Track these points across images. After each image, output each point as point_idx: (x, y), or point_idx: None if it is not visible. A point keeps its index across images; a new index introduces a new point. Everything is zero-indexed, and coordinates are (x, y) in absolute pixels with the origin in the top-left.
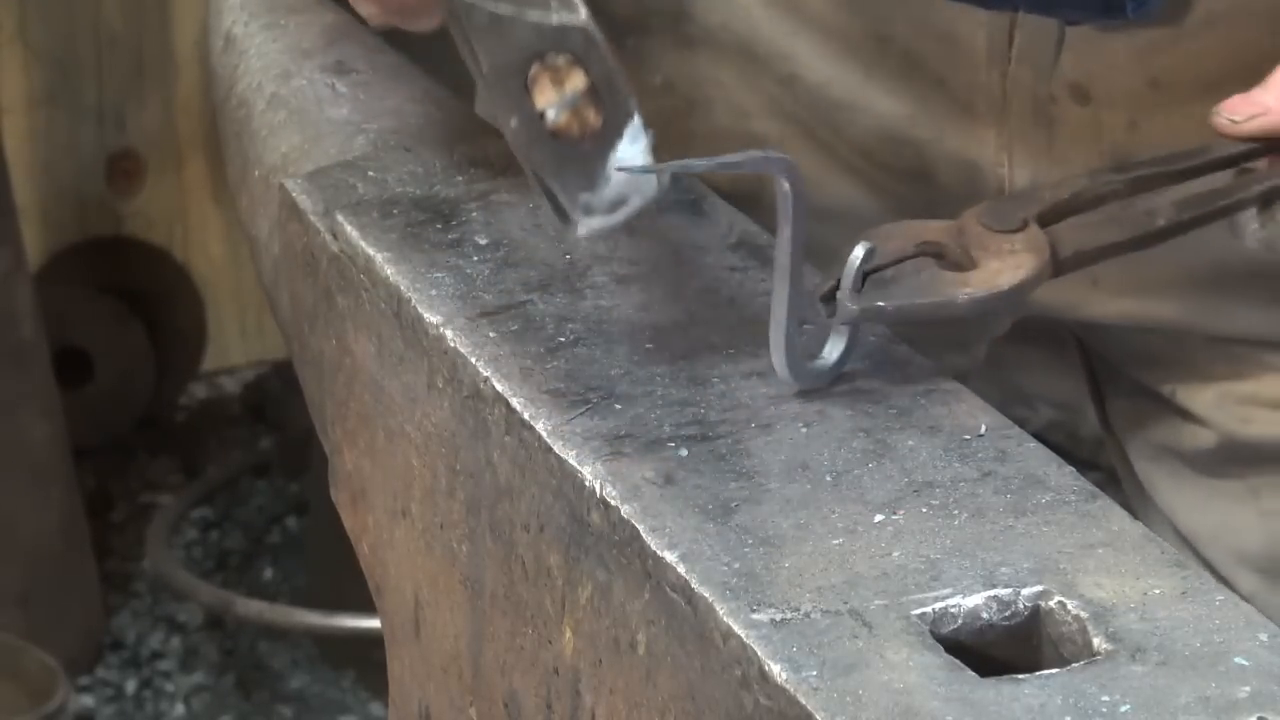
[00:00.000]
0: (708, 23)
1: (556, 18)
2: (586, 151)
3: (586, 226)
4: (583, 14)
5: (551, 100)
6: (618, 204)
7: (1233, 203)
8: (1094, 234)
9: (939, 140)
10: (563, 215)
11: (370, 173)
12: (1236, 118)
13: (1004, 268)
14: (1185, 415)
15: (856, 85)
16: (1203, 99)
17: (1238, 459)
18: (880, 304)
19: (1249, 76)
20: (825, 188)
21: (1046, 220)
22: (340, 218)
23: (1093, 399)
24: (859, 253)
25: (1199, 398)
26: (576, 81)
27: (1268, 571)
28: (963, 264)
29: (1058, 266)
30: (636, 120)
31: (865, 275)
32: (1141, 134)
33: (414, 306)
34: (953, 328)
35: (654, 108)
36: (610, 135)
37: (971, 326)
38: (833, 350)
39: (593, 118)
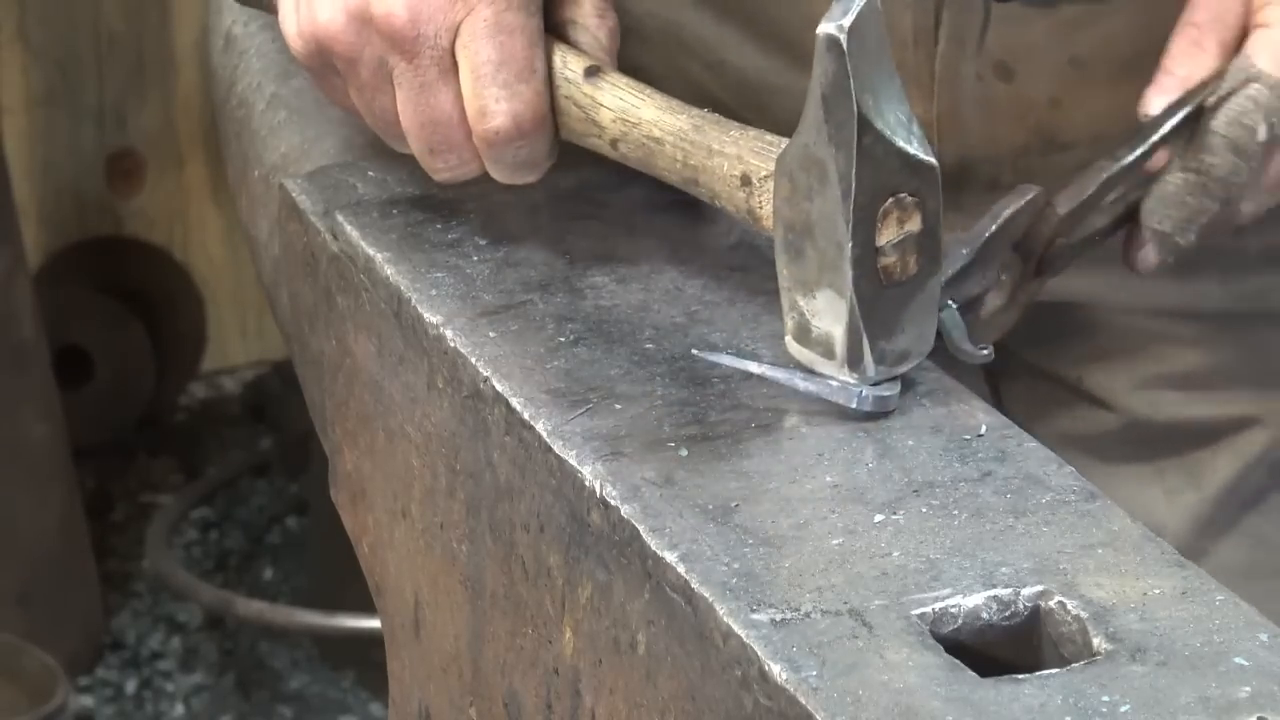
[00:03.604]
0: (635, 11)
1: (916, 152)
2: (893, 296)
3: (870, 379)
4: (929, 149)
5: (892, 237)
6: (902, 357)
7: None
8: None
9: None
10: (854, 360)
11: (370, 173)
12: (1157, 108)
13: (998, 324)
14: (1091, 400)
15: (783, 68)
16: (1123, 77)
17: (1142, 440)
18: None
19: None
20: None
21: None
22: (340, 218)
23: (986, 383)
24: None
25: (1107, 383)
26: (914, 223)
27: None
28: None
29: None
30: (940, 275)
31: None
32: (1064, 112)
33: (414, 306)
34: None
35: None
36: (919, 284)
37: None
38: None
39: (913, 264)
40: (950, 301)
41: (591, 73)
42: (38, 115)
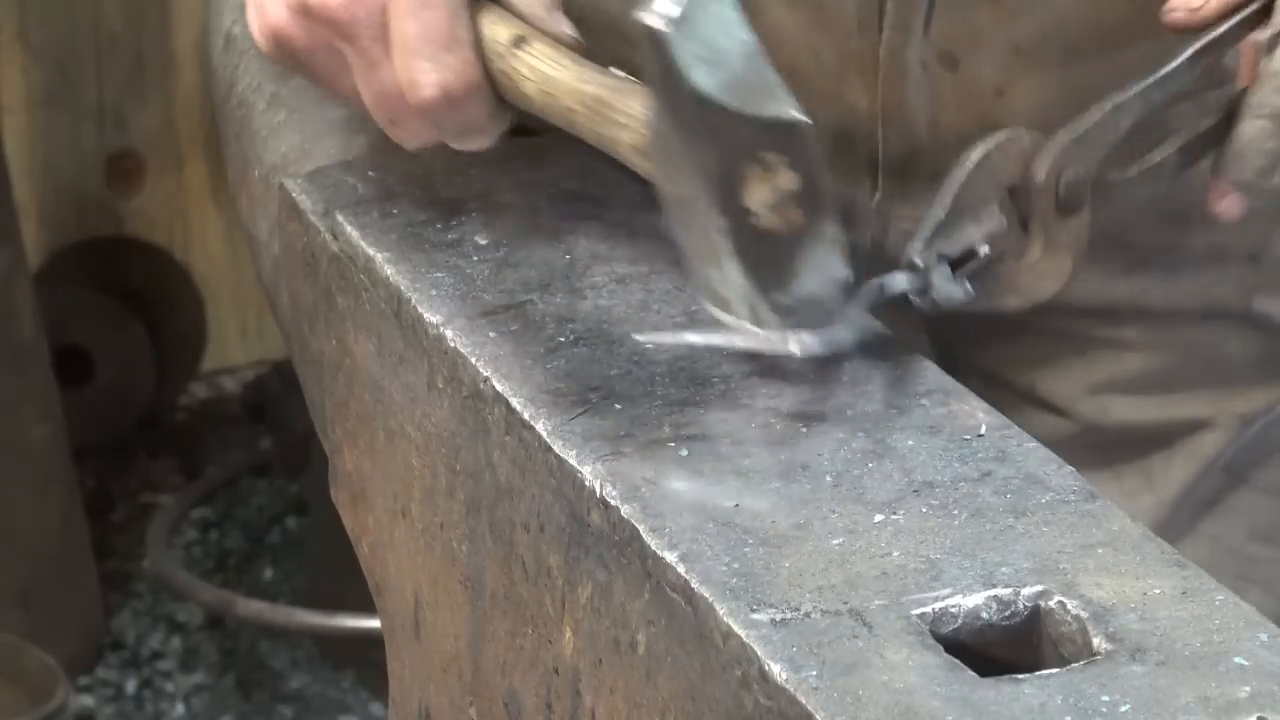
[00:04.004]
0: (578, 2)
1: (774, 111)
2: (784, 251)
3: (800, 344)
4: (795, 109)
5: (765, 199)
6: (814, 304)
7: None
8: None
9: (809, 111)
10: (757, 316)
11: (370, 173)
12: (1194, 4)
13: (1049, 271)
14: (1044, 406)
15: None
16: (1065, 66)
17: (1098, 444)
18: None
19: (1110, 43)
20: None
21: (1105, 167)
22: (340, 218)
23: None
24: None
25: (1058, 389)
26: (787, 180)
27: None
28: (1019, 244)
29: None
30: (832, 228)
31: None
32: (1008, 100)
33: (414, 306)
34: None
35: None
36: (812, 234)
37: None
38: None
39: (798, 217)
40: (940, 256)
41: (517, 43)
42: (38, 115)
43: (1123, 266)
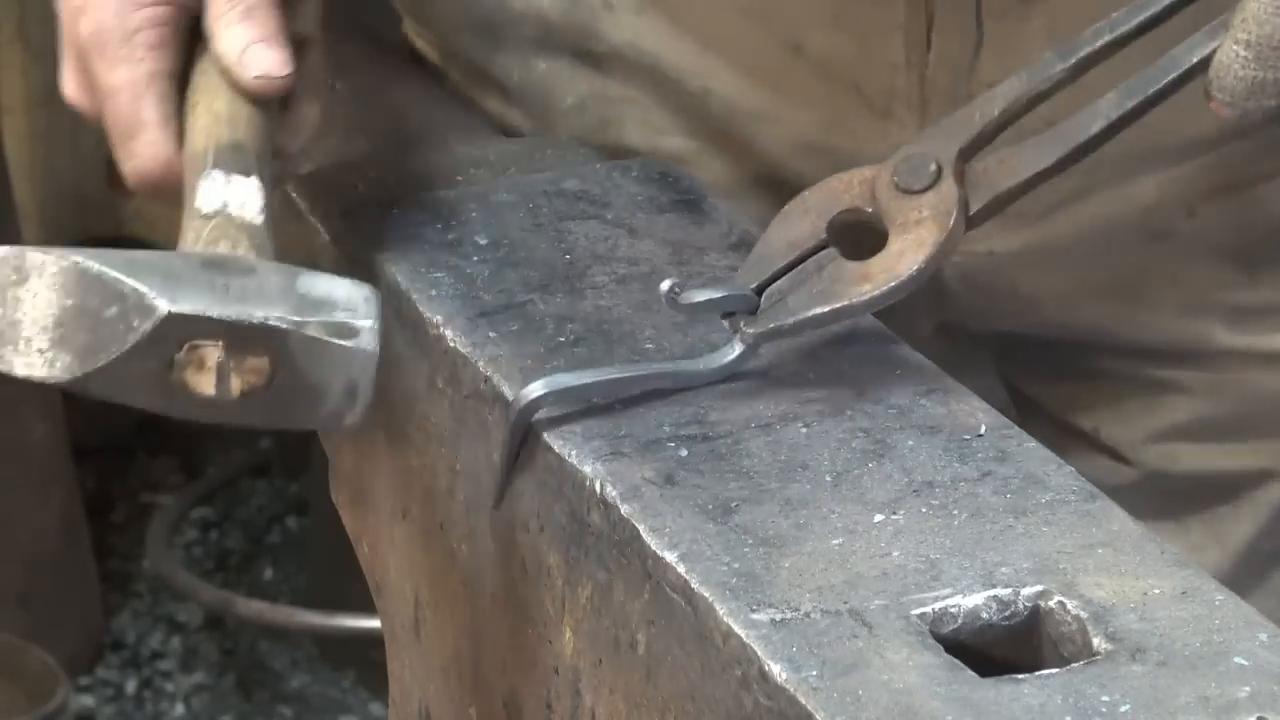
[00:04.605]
0: (615, 41)
1: (136, 329)
2: (283, 383)
3: (348, 424)
4: (177, 298)
5: (210, 382)
6: (352, 388)
7: (1184, 71)
8: (1016, 167)
9: (854, 147)
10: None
11: (370, 173)
12: None
13: (906, 246)
14: (1108, 452)
15: (768, 96)
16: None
17: (1162, 494)
18: (775, 324)
19: None
20: (737, 201)
21: (973, 150)
22: (340, 218)
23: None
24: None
25: (1123, 436)
26: (211, 351)
27: None
28: (871, 243)
29: (970, 221)
30: (294, 317)
31: (773, 279)
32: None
33: (414, 306)
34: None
35: (566, 129)
36: (289, 352)
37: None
38: (727, 353)
39: (258, 360)
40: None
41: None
42: (38, 115)
43: (1183, 309)
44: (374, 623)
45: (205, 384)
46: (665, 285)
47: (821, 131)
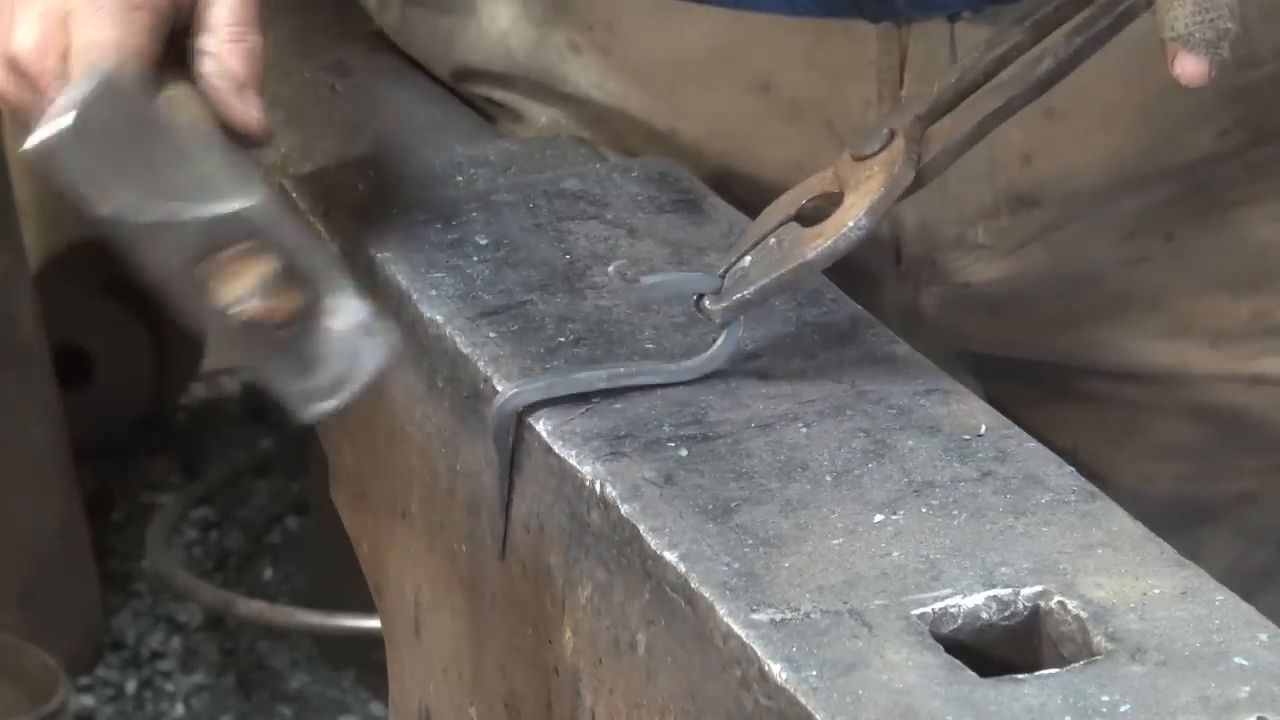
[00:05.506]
0: (582, 84)
1: (221, 207)
2: (295, 336)
3: (313, 412)
4: (256, 194)
5: (236, 293)
6: (341, 381)
7: (1128, 6)
8: (967, 116)
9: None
10: (293, 404)
11: (370, 173)
12: None
13: (856, 199)
14: (1089, 472)
15: (742, 135)
16: (1100, 130)
17: (1142, 517)
18: (739, 296)
19: (1148, 107)
20: None
21: (932, 117)
22: (340, 218)
23: None
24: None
25: (1101, 454)
26: (263, 266)
27: None
28: (832, 211)
29: (924, 172)
30: (347, 289)
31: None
32: (1035, 168)
33: (414, 306)
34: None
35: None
36: (317, 312)
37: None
38: (725, 344)
39: (292, 299)
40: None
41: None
42: None
43: (1163, 333)
44: (374, 623)
45: (229, 292)
46: (612, 267)
47: (792, 170)
